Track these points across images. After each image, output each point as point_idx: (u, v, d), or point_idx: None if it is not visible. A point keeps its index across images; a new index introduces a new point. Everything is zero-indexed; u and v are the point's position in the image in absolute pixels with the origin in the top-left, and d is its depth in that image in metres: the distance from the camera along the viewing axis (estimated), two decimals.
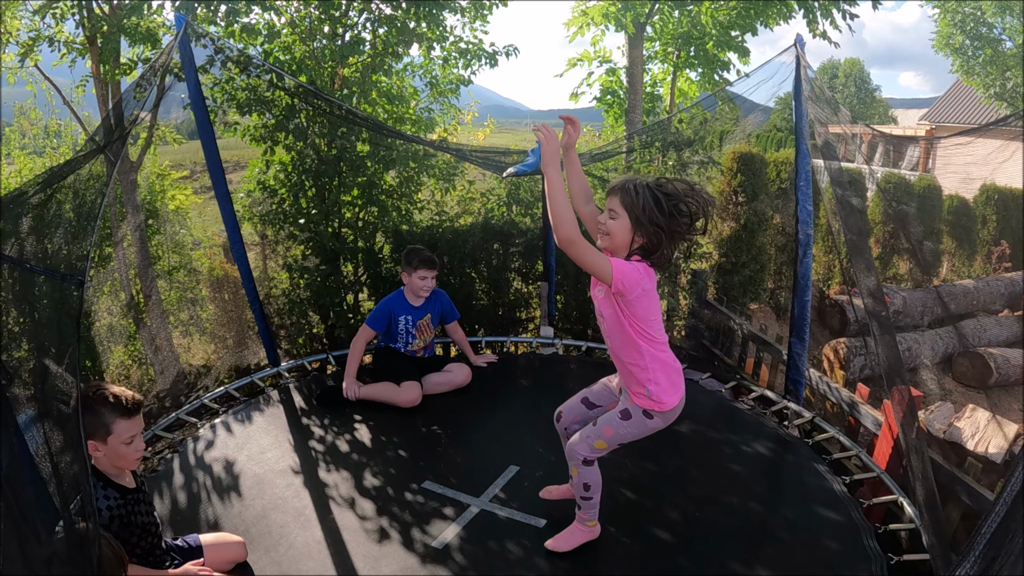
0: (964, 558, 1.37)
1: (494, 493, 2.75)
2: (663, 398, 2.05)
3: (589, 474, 2.17)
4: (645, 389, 2.04)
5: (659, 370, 2.04)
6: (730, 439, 3.25)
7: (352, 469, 2.96)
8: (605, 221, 2.00)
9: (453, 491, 2.77)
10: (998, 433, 3.69)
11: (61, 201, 2.21)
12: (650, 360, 2.02)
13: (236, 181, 5.69)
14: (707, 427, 3.37)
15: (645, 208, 1.92)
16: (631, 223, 1.95)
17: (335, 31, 4.59)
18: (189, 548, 2.24)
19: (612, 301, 1.98)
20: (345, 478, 2.89)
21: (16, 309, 1.95)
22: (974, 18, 10.52)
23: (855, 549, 2.44)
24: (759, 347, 4.34)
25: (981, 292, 7.97)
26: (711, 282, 6.16)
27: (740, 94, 4.55)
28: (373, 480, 2.88)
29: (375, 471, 2.95)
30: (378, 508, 2.67)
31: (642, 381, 2.05)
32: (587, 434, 2.16)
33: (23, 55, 4.33)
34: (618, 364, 2.12)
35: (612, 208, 1.99)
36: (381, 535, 2.51)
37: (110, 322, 4.93)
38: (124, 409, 1.93)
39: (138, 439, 2.00)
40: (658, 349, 2.04)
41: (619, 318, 2.00)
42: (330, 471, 2.94)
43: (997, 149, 2.80)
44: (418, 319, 3.75)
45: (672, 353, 2.11)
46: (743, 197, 6.54)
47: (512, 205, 5.27)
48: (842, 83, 36.78)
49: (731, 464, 3.04)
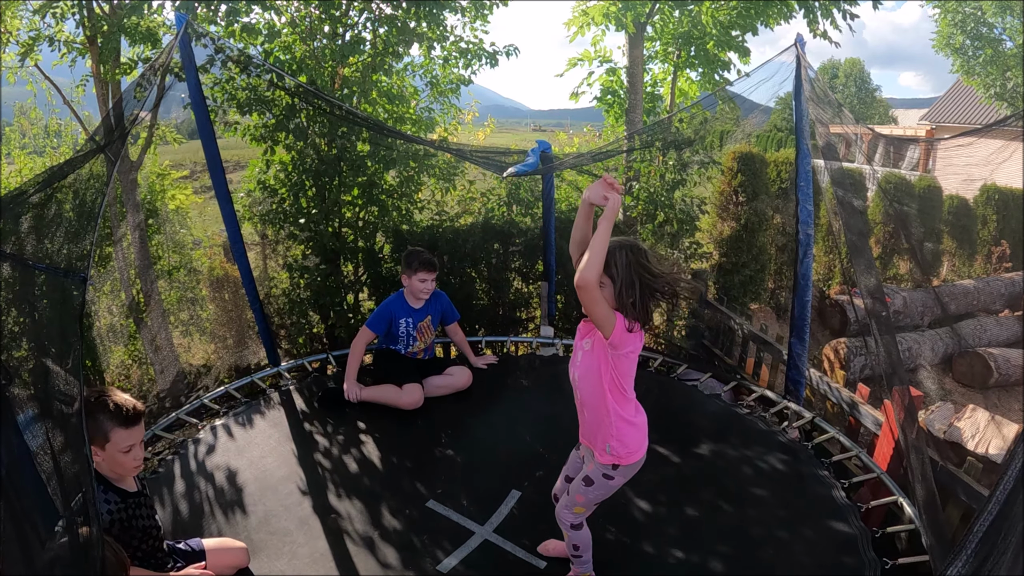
0: (957, 556, 1.37)
1: (498, 523, 2.67)
2: (622, 453, 2.08)
3: (577, 537, 2.25)
4: (607, 445, 2.08)
5: (624, 426, 2.07)
6: (729, 440, 3.25)
7: (355, 476, 2.94)
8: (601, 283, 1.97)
9: (457, 515, 2.70)
10: (998, 433, 3.68)
11: (61, 200, 2.21)
12: (615, 417, 2.05)
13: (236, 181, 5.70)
14: (707, 428, 3.37)
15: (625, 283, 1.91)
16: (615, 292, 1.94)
17: (335, 31, 4.59)
18: (192, 551, 2.24)
19: (601, 351, 1.99)
20: (348, 486, 2.86)
21: (16, 308, 1.95)
22: (974, 18, 10.51)
23: (850, 555, 2.44)
24: (759, 347, 4.34)
25: (981, 292, 7.97)
26: (711, 282, 6.16)
27: (740, 94, 4.55)
28: (376, 491, 2.84)
29: (378, 480, 2.92)
30: (380, 524, 2.64)
31: (604, 436, 2.08)
32: (565, 503, 2.23)
33: (23, 55, 4.32)
34: (584, 418, 2.15)
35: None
36: (383, 553, 2.48)
37: (110, 322, 4.92)
38: (123, 419, 1.92)
39: (137, 448, 1.98)
40: (624, 408, 2.06)
41: (599, 369, 2.01)
42: (332, 477, 2.92)
43: (998, 150, 2.80)
44: (419, 321, 3.74)
45: (638, 410, 2.13)
46: (743, 197, 6.54)
47: (512, 205, 5.27)
48: (842, 83, 36.78)
49: (730, 465, 3.04)
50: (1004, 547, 1.25)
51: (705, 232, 6.63)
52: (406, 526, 2.63)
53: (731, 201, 6.61)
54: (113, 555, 1.70)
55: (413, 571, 2.39)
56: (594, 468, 2.14)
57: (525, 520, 2.68)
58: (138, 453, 1.99)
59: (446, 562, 2.44)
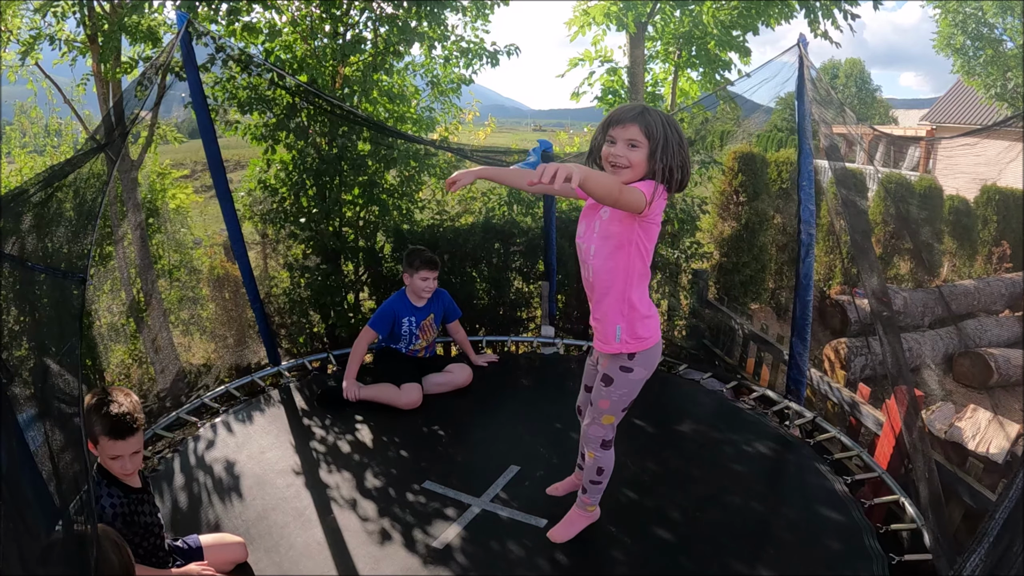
0: (968, 559, 1.37)
1: (495, 493, 2.74)
2: (632, 339, 1.98)
3: (606, 458, 2.15)
4: (617, 329, 1.97)
5: (634, 315, 1.98)
6: (730, 439, 3.24)
7: (352, 469, 2.95)
8: (624, 153, 1.87)
9: (454, 491, 2.76)
10: (999, 433, 3.68)
11: (61, 199, 2.21)
12: (627, 300, 1.96)
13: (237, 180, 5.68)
14: (708, 427, 3.37)
15: (669, 141, 1.83)
16: (648, 154, 1.85)
17: (336, 30, 4.58)
18: (189, 549, 2.23)
19: (626, 219, 1.89)
20: (345, 478, 2.88)
21: (17, 308, 1.94)
22: (975, 18, 10.50)
23: (856, 549, 2.44)
24: (760, 347, 4.33)
25: (982, 292, 7.97)
26: (712, 282, 6.16)
27: (741, 94, 4.55)
28: (373, 480, 2.87)
29: (375, 471, 2.94)
30: (379, 508, 2.66)
31: (614, 319, 1.98)
32: (591, 416, 2.13)
33: (24, 53, 4.32)
34: (593, 301, 2.04)
35: (632, 138, 1.86)
36: (382, 535, 2.50)
37: (110, 321, 4.92)
38: (110, 429, 1.89)
39: (125, 460, 1.94)
40: (639, 289, 1.98)
41: (620, 238, 1.91)
42: (330, 471, 2.93)
43: (1004, 150, 2.80)
44: (422, 320, 3.74)
45: (651, 305, 2.05)
46: (744, 197, 6.54)
47: (513, 204, 5.26)
48: (843, 83, 36.76)
49: (731, 464, 3.03)
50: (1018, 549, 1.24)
51: (706, 232, 6.62)
52: (403, 508, 2.66)
53: (732, 201, 6.61)
54: (118, 558, 1.69)
55: (412, 549, 2.41)
56: (609, 364, 2.03)
57: (522, 489, 2.75)
58: (126, 464, 1.94)
59: (444, 535, 2.47)
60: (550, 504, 2.63)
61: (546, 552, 2.39)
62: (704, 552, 2.44)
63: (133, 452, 1.95)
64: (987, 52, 10.57)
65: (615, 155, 1.89)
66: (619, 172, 1.90)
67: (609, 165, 1.92)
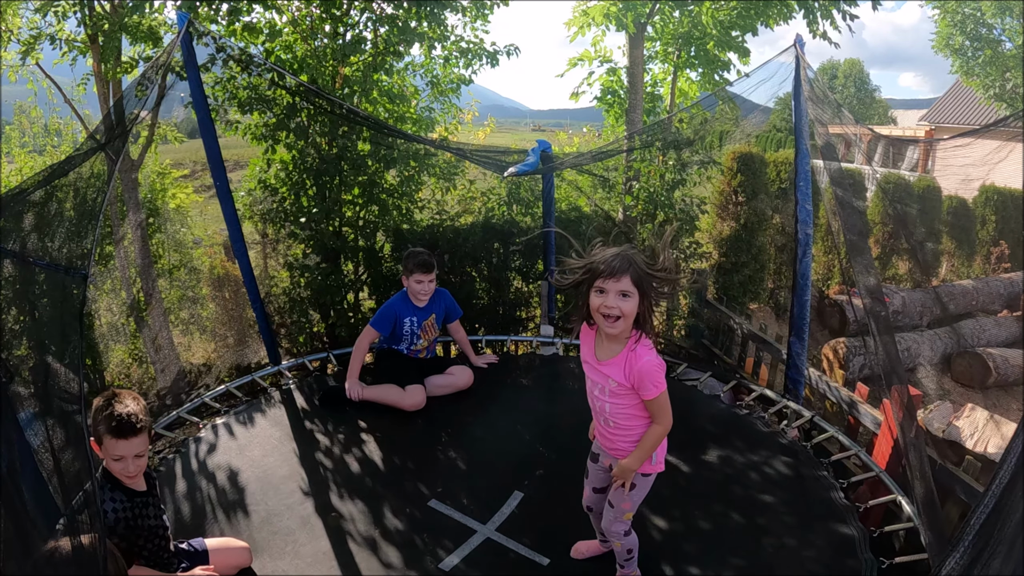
0: (954, 549, 1.38)
1: (500, 522, 2.66)
2: (659, 458, 2.12)
3: (630, 541, 2.23)
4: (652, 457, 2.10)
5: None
6: (727, 444, 3.24)
7: (356, 476, 2.93)
8: (616, 304, 1.86)
9: (460, 514, 2.69)
10: (996, 432, 3.69)
11: (62, 199, 2.22)
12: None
13: (237, 180, 5.69)
14: (703, 434, 3.35)
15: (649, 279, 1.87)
16: (639, 301, 1.88)
17: (336, 30, 4.59)
18: (195, 552, 2.24)
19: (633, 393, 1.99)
20: (349, 485, 2.86)
21: (17, 307, 1.95)
22: (974, 19, 10.53)
23: (847, 555, 2.44)
24: (759, 346, 4.35)
25: (980, 292, 7.98)
26: (711, 281, 6.17)
27: (740, 94, 4.56)
28: (378, 491, 2.83)
29: (380, 480, 2.91)
30: (383, 523, 2.63)
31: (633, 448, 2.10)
32: (613, 515, 2.18)
33: (24, 53, 4.32)
34: (610, 433, 2.11)
35: (624, 289, 1.86)
36: (385, 552, 2.47)
37: (111, 320, 4.93)
38: (114, 429, 1.89)
39: (128, 462, 1.93)
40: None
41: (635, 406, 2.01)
42: (334, 477, 2.92)
43: (994, 150, 2.81)
44: (423, 320, 3.74)
45: None
46: (743, 197, 6.55)
47: (512, 204, 5.27)
48: (842, 84, 36.76)
49: (727, 469, 3.03)
50: (999, 539, 1.26)
51: (705, 232, 6.64)
52: (408, 525, 2.63)
53: (731, 201, 6.63)
54: (114, 566, 1.70)
55: (415, 570, 2.39)
56: (636, 474, 2.13)
57: (527, 519, 2.68)
58: (130, 466, 1.94)
59: (448, 560, 2.44)
60: (554, 539, 2.55)
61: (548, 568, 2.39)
62: (696, 555, 2.45)
63: (136, 454, 1.95)
64: (986, 52, 10.60)
65: (608, 307, 1.87)
66: (612, 323, 1.89)
67: (601, 316, 1.90)
